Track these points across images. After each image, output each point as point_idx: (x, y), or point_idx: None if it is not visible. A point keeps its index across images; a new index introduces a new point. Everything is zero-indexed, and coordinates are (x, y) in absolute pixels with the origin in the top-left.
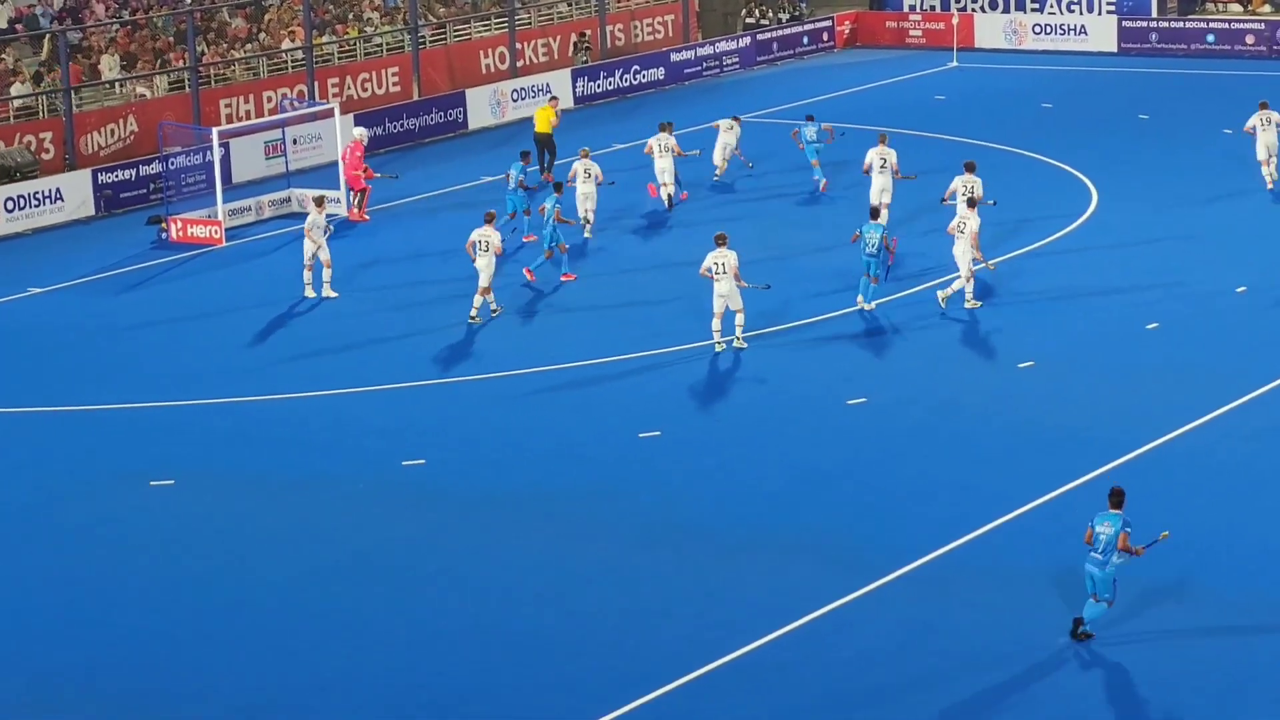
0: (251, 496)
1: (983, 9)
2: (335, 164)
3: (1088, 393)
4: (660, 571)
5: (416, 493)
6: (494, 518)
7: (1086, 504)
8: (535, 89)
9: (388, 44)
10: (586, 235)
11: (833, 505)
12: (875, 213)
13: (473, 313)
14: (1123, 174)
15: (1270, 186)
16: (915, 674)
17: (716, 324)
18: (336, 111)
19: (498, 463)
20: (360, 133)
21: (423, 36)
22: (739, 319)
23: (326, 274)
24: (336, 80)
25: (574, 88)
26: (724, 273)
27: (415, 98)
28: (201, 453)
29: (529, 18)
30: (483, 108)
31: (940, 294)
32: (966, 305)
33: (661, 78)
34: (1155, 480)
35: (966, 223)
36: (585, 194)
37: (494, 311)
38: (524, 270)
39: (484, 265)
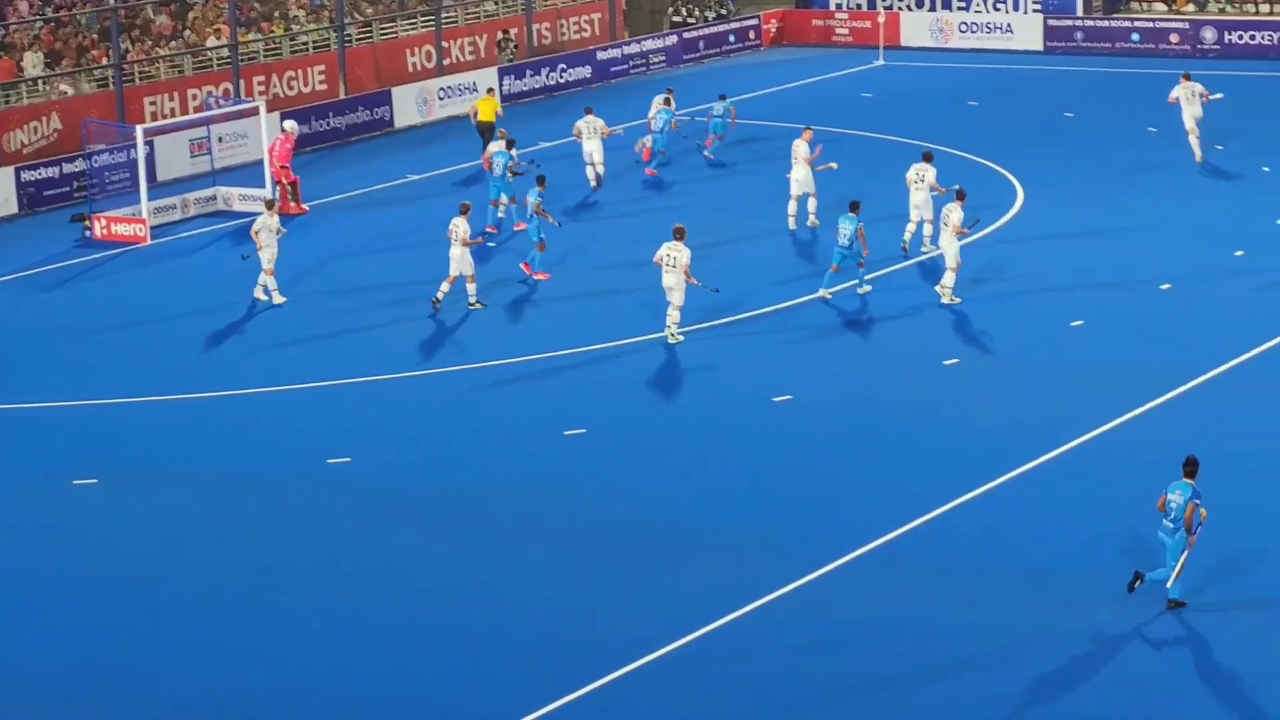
0: (177, 495)
1: (909, 7)
2: (261, 162)
3: (1014, 390)
4: (595, 568)
5: (345, 491)
6: (430, 516)
7: (1014, 500)
8: (462, 87)
9: (314, 42)
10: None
11: (765, 502)
12: (854, 206)
13: (437, 297)
14: (1048, 172)
15: (1199, 159)
16: (849, 668)
17: (674, 316)
18: (262, 110)
19: (434, 460)
20: (291, 125)
21: (349, 34)
22: (672, 314)
23: (263, 278)
24: (262, 78)
25: (501, 86)
26: (673, 266)
27: (341, 96)
28: (127, 452)
29: (455, 16)
30: (409, 106)
31: (938, 287)
32: (944, 301)
33: (588, 76)
34: (1081, 477)
35: (950, 216)
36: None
37: (471, 305)
38: (522, 265)
39: (454, 256)
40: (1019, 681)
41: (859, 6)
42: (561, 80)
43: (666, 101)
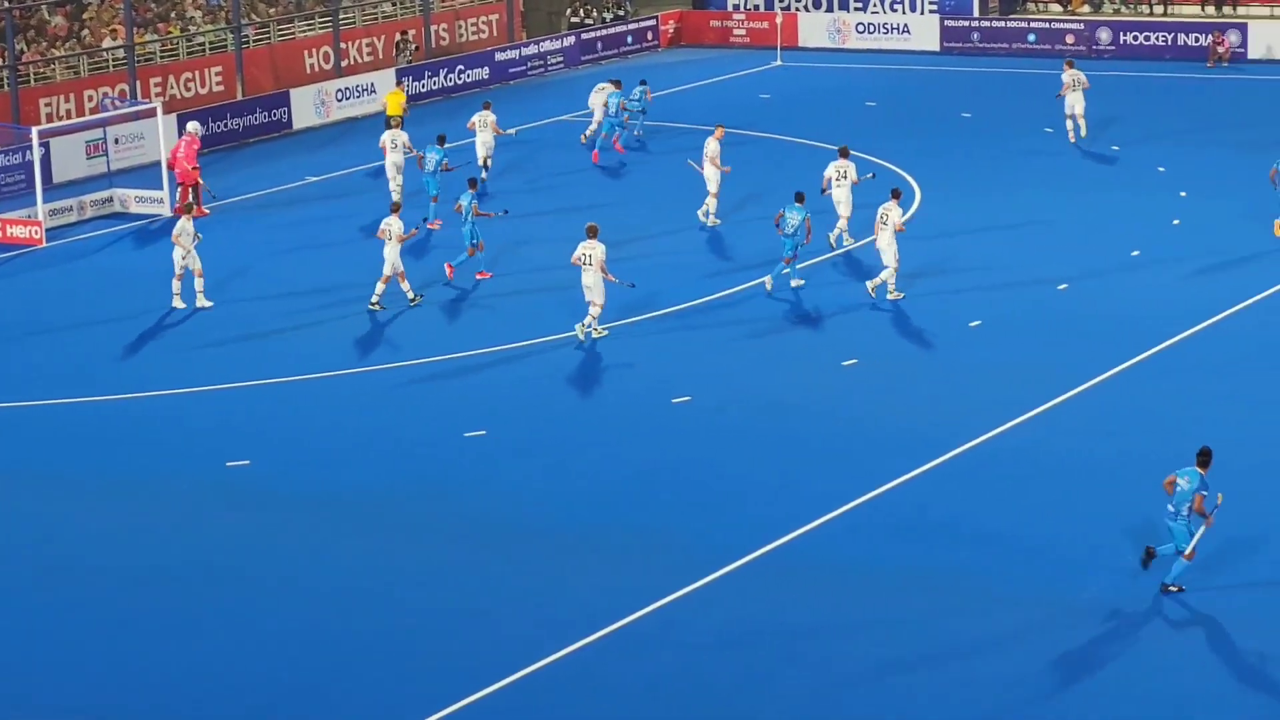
0: (74, 499)
1: (806, 8)
2: (158, 163)
3: (912, 390)
4: (489, 571)
5: (244, 494)
6: (322, 518)
7: (913, 500)
8: (360, 89)
9: (211, 43)
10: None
11: (661, 504)
12: (799, 197)
13: (374, 300)
14: (945, 172)
15: (1073, 140)
16: (748, 668)
17: (594, 311)
18: (159, 111)
19: (332, 463)
20: (194, 127)
21: (246, 36)
22: (592, 310)
23: (199, 283)
24: (159, 79)
25: (399, 87)
26: (589, 264)
27: (239, 97)
28: (22, 455)
29: (353, 17)
30: (307, 107)
31: (869, 284)
32: (889, 297)
33: (486, 77)
34: (978, 477)
35: (889, 214)
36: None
37: (411, 301)
38: (445, 266)
39: (386, 254)
40: (917, 680)
41: (756, 7)
42: (460, 81)
43: (616, 84)
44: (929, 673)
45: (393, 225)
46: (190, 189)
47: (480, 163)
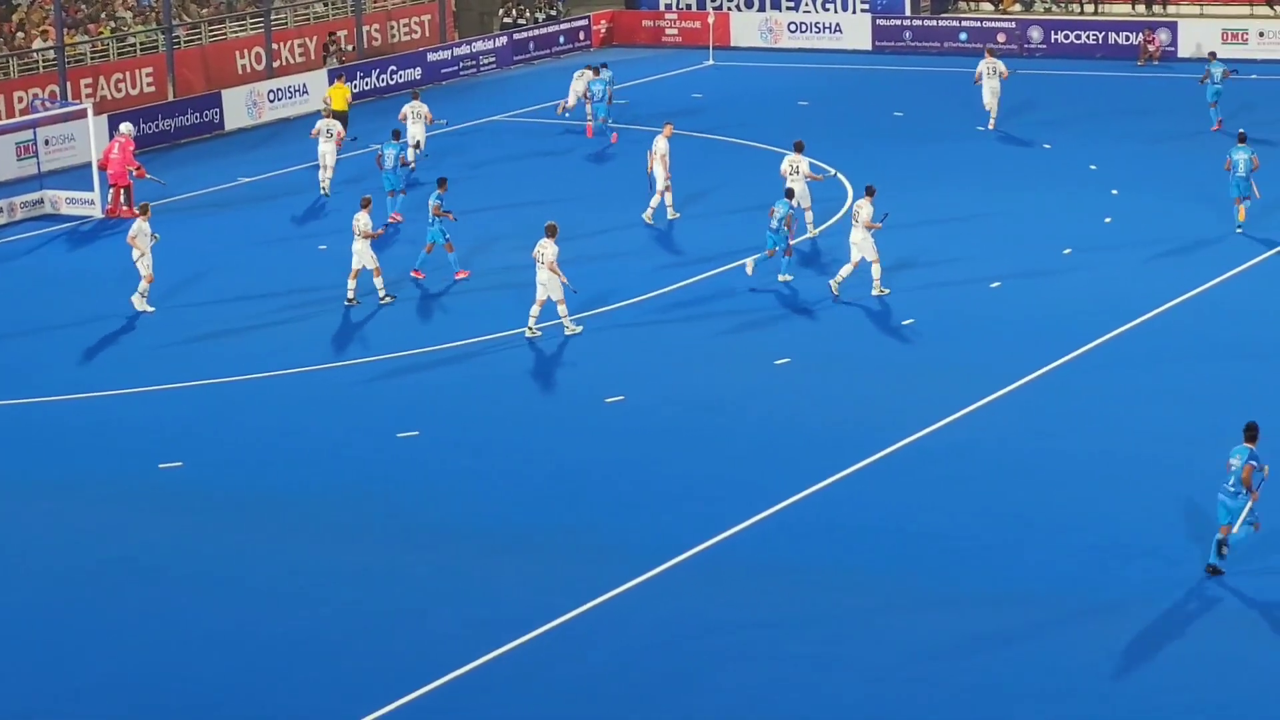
0: (6, 500)
1: (738, 8)
2: (89, 165)
3: (846, 388)
4: (421, 571)
5: (175, 495)
6: (254, 519)
7: (845, 499)
8: (292, 89)
9: (141, 44)
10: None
11: (594, 503)
12: (789, 193)
13: (350, 295)
14: (878, 171)
15: (990, 127)
16: (677, 670)
17: (535, 310)
18: (90, 112)
19: (259, 464)
20: (127, 128)
21: (177, 36)
22: (560, 309)
23: (143, 286)
24: (89, 80)
25: (341, 80)
26: (541, 262)
27: (170, 98)
28: None
29: (285, 18)
30: (239, 108)
31: (832, 281)
32: (874, 293)
33: (418, 77)
34: (913, 475)
35: (860, 211)
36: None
37: (383, 300)
38: (412, 272)
39: (356, 250)
40: (850, 678)
41: (689, 7)
42: (392, 81)
43: (596, 71)
44: (862, 670)
45: (360, 220)
46: (124, 190)
47: (410, 153)
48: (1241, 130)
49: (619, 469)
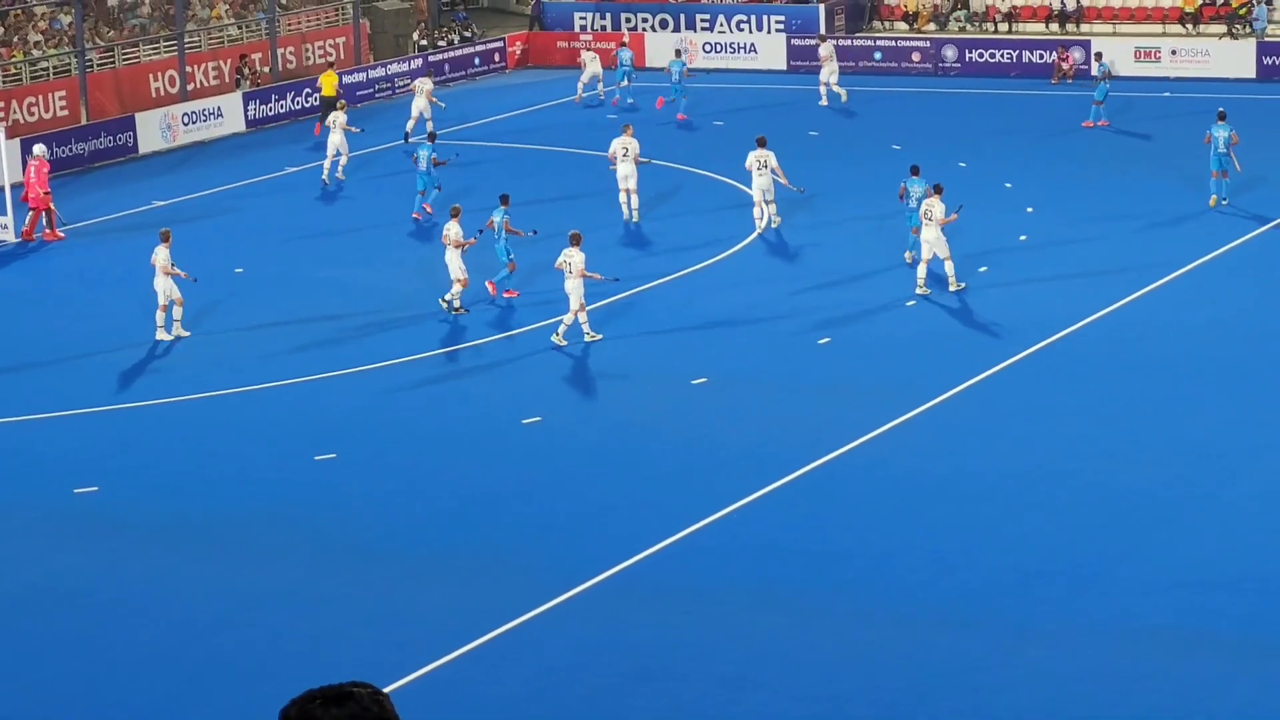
0: None
1: (653, 28)
2: (2, 189)
3: (761, 408)
4: (338, 594)
5: (92, 520)
6: (171, 544)
7: (760, 519)
8: (206, 112)
9: (54, 67)
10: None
11: (512, 524)
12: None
13: (454, 301)
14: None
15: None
16: (595, 691)
17: (568, 319)
18: (1, 136)
19: (177, 488)
20: (40, 150)
21: (91, 60)
22: (566, 318)
23: (178, 312)
24: (2, 104)
25: (246, 111)
26: (570, 273)
27: (83, 122)
28: None
29: (199, 41)
30: (153, 132)
31: (918, 288)
32: (951, 289)
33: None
34: (828, 494)
35: (932, 210)
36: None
37: (456, 310)
38: (487, 284)
39: (448, 260)
40: (767, 698)
41: (603, 28)
42: (307, 105)
43: (677, 54)
44: (778, 690)
45: (451, 230)
46: (44, 214)
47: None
48: (1221, 109)
49: (536, 490)
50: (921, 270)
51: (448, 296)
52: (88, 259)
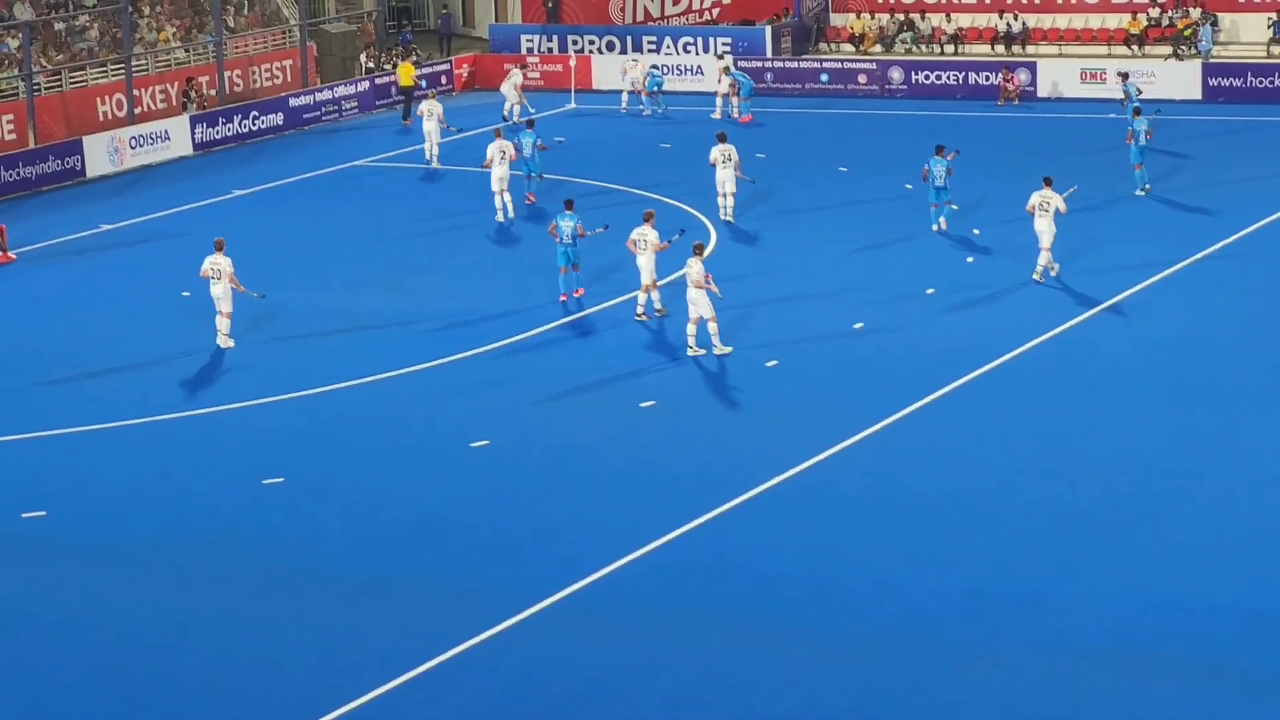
0: None
1: (600, 51)
2: None
3: (710, 431)
4: (281, 618)
5: (38, 544)
6: (112, 568)
7: (707, 542)
8: (154, 135)
9: (2, 90)
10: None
11: (457, 548)
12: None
13: (639, 310)
14: (740, 212)
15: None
16: (540, 715)
17: (691, 329)
18: None
19: (122, 512)
20: None
21: (38, 83)
22: (711, 327)
23: (227, 325)
24: None
25: (193, 134)
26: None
27: (31, 145)
28: None
29: (146, 64)
30: (100, 155)
31: (1035, 275)
32: (1051, 273)
33: (281, 123)
34: (776, 516)
35: (1050, 200)
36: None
37: (659, 312)
38: (574, 292)
39: (643, 264)
40: (712, 718)
41: (550, 51)
42: (255, 127)
43: (727, 70)
44: (725, 712)
45: (649, 235)
46: None
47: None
48: (1137, 106)
49: (482, 513)
50: (1043, 258)
51: (655, 306)
52: (35, 281)
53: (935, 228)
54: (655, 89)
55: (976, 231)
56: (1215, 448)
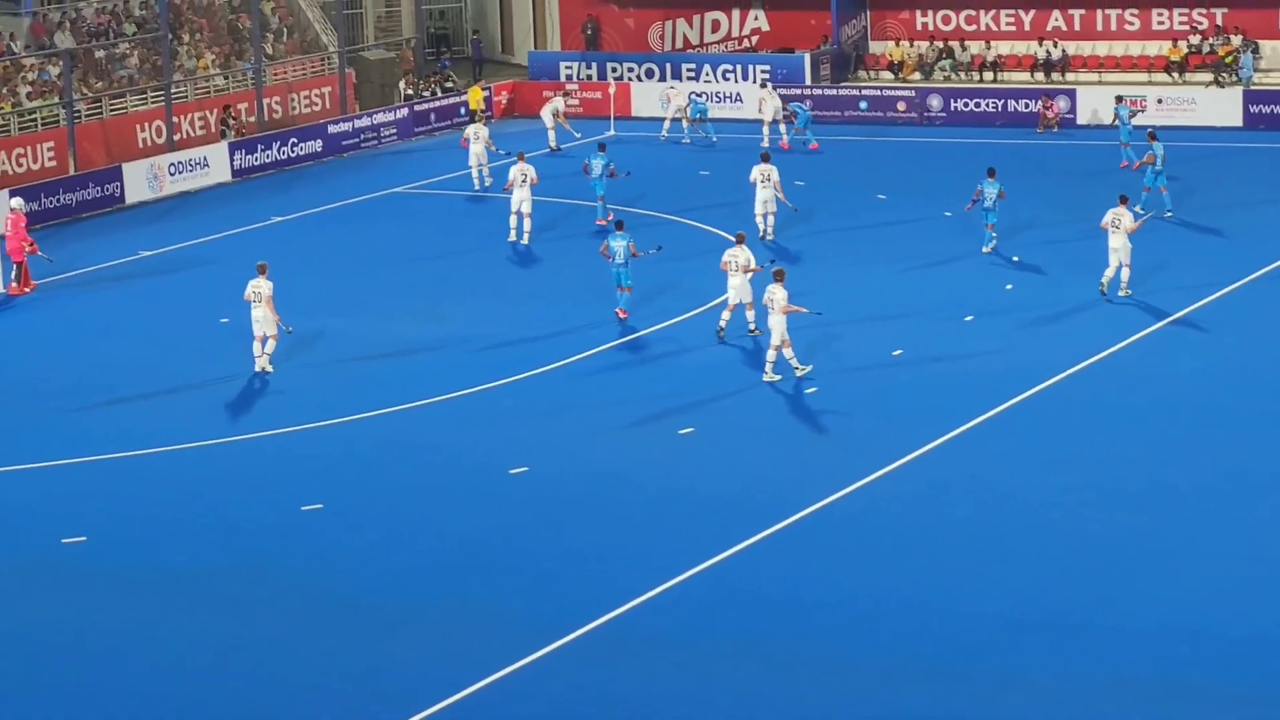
0: None
1: (639, 78)
2: None
3: (748, 458)
4: (320, 645)
5: (79, 571)
6: (152, 594)
7: (746, 569)
8: (193, 162)
9: (43, 118)
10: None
11: (495, 575)
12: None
13: (751, 326)
14: (780, 238)
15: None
16: None
17: (771, 355)
18: None
19: (164, 538)
20: (18, 203)
21: (78, 110)
22: (787, 351)
23: (272, 346)
24: None
25: (232, 161)
26: (773, 309)
27: (71, 172)
28: None
29: (185, 91)
30: (140, 182)
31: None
32: (1120, 293)
33: (319, 150)
34: (812, 544)
35: (1121, 219)
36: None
37: (751, 332)
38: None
39: (735, 284)
40: None
41: (589, 78)
42: (293, 154)
43: (693, 96)
44: None
45: (740, 255)
46: (17, 266)
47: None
48: (1152, 131)
49: (520, 540)
50: (1109, 274)
51: (750, 326)
52: (75, 307)
53: (986, 249)
54: (700, 116)
55: (1016, 258)
56: (1255, 476)
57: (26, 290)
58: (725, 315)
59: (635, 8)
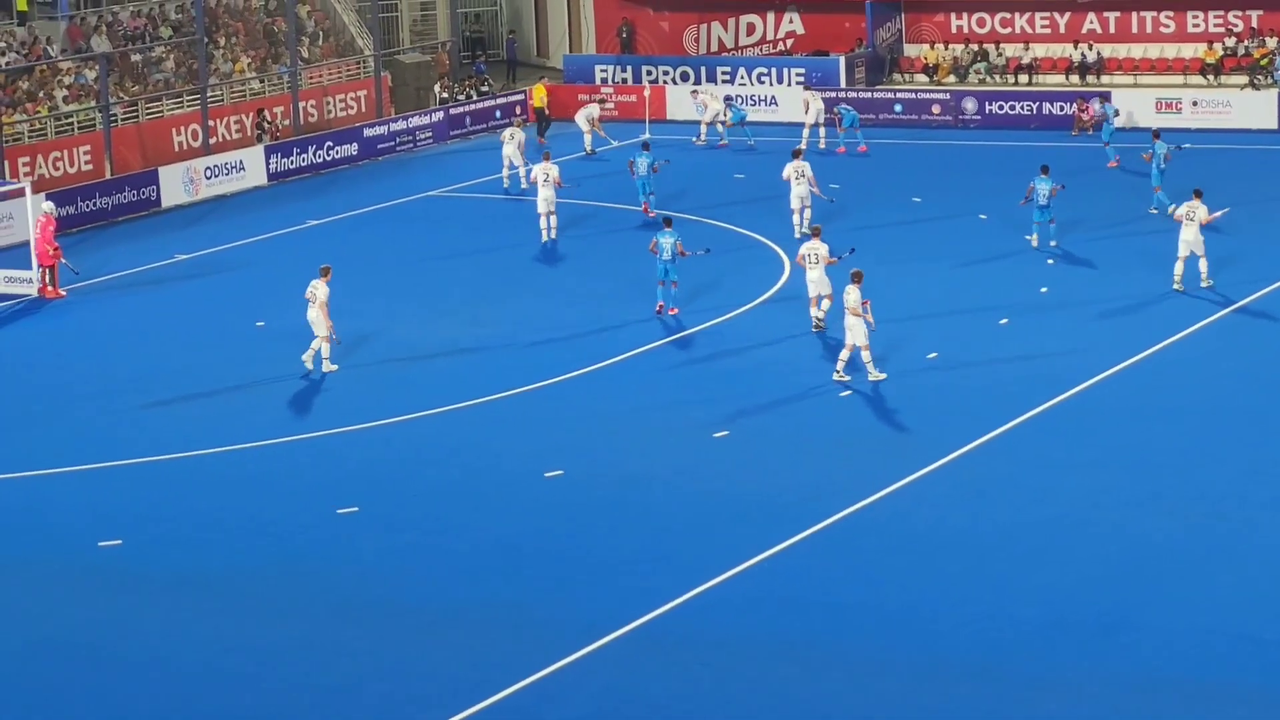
0: None
1: (674, 81)
2: (27, 243)
3: (784, 460)
4: (356, 647)
5: (114, 574)
6: (188, 597)
7: (783, 571)
8: (229, 166)
9: (79, 122)
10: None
11: (531, 578)
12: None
13: (819, 320)
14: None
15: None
16: None
17: (845, 354)
18: (28, 191)
19: (200, 541)
20: (49, 207)
21: (114, 114)
22: (864, 355)
23: (326, 349)
24: (27, 159)
25: (268, 164)
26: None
27: (108, 176)
28: None
29: (221, 95)
30: (176, 185)
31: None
32: (1203, 285)
33: (355, 153)
34: (847, 547)
35: (1195, 211)
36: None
37: (817, 325)
38: (669, 310)
39: (813, 278)
40: None
41: (624, 81)
42: (329, 158)
43: (728, 100)
44: None
45: (820, 249)
46: (49, 270)
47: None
48: (1156, 130)
49: (555, 543)
50: (1179, 267)
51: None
52: (111, 311)
53: (1031, 238)
54: (739, 120)
55: (1051, 261)
56: None
57: (58, 295)
58: (814, 311)
59: (670, 11)
